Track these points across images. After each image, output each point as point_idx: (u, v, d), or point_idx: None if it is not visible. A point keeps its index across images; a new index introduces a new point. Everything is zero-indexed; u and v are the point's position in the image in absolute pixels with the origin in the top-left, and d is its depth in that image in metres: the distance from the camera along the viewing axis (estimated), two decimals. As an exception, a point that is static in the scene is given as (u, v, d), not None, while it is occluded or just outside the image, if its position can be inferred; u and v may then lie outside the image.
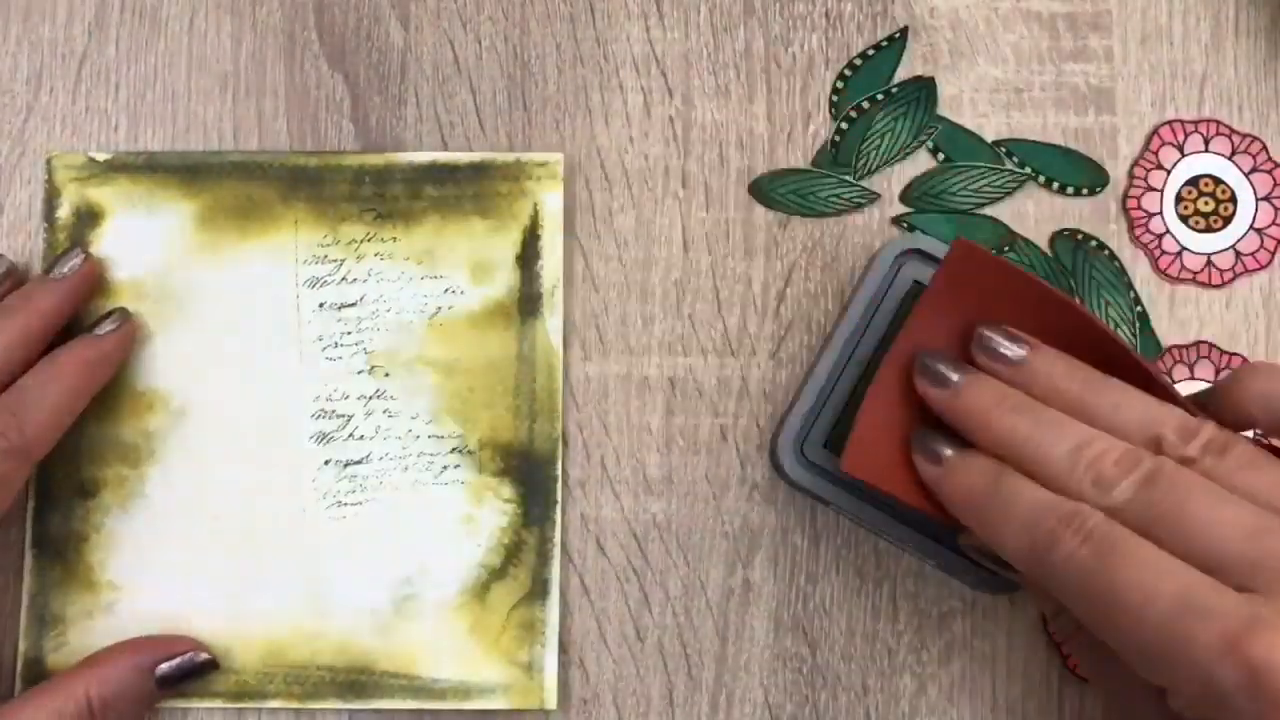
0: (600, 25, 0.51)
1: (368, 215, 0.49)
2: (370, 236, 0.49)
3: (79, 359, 0.45)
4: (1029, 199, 0.50)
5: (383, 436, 0.48)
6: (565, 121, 0.50)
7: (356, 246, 0.49)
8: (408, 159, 0.49)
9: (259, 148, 0.50)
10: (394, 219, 0.49)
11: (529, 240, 0.49)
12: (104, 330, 0.47)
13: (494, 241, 0.49)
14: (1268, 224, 0.50)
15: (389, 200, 0.49)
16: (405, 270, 0.49)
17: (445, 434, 0.48)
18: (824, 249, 0.50)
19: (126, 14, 0.51)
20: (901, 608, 0.48)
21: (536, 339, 0.48)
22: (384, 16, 0.51)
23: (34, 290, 0.46)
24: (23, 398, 0.44)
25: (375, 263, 0.49)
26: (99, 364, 0.46)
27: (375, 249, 0.49)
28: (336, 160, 0.49)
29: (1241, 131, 0.51)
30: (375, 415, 0.48)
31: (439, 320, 0.48)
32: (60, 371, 0.45)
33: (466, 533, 0.48)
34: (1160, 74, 0.51)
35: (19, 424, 0.43)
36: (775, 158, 0.50)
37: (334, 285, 0.48)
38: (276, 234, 0.49)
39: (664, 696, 0.47)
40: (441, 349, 0.48)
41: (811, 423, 0.46)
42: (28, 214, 0.49)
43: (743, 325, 0.49)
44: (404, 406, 0.48)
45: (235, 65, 0.51)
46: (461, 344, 0.48)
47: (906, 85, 0.51)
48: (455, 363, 0.48)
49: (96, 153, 0.49)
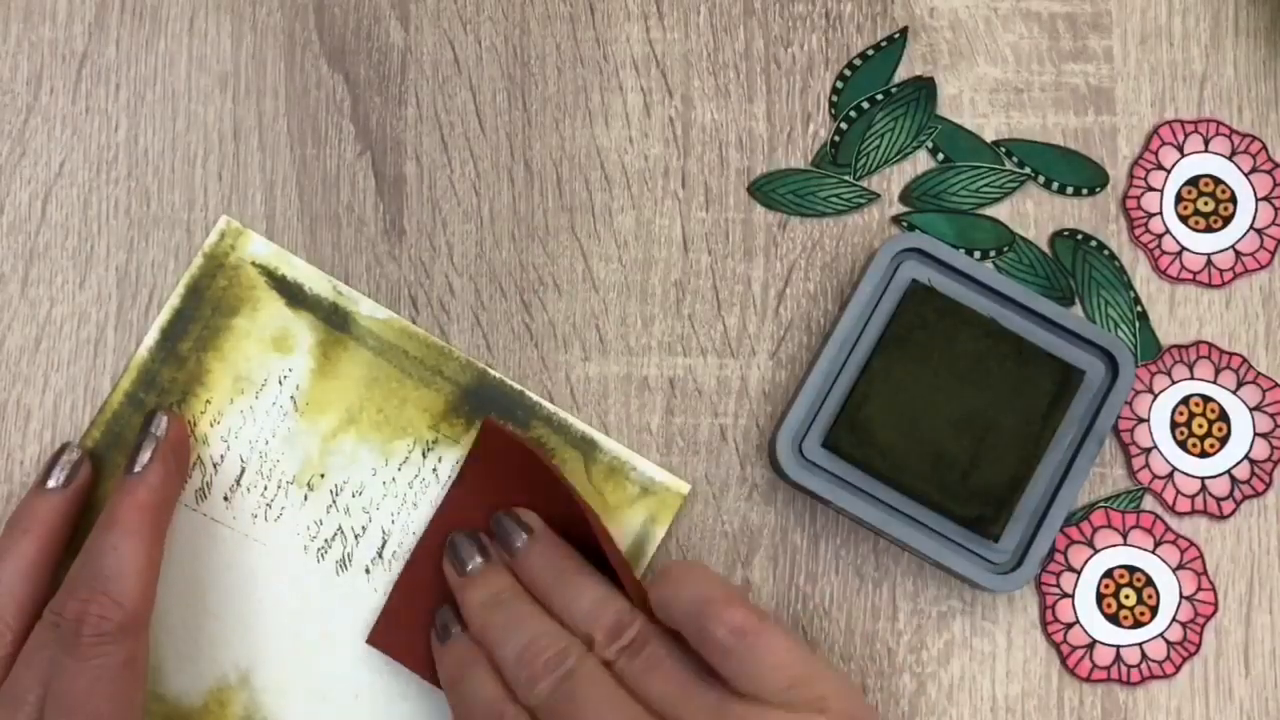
0: (600, 25, 0.51)
1: None
2: None
3: (135, 505, 0.43)
4: (1029, 199, 0.50)
5: (375, 508, 0.47)
6: (565, 121, 0.50)
7: None
8: None
9: (258, 148, 0.50)
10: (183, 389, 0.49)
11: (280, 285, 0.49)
12: (142, 464, 0.44)
13: (259, 327, 0.49)
14: (1268, 224, 0.50)
15: None
16: (376, 469, 0.48)
17: (405, 453, 0.47)
18: (824, 249, 0.50)
19: (126, 14, 0.51)
20: (901, 608, 0.48)
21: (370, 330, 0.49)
22: (384, 16, 0.51)
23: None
24: (98, 570, 0.41)
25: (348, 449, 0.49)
26: (154, 503, 0.44)
27: None
28: None
29: (1241, 131, 0.51)
30: (351, 505, 0.47)
31: (303, 401, 0.48)
32: (125, 528, 0.42)
33: None
34: (1160, 74, 0.51)
35: (112, 599, 0.41)
36: (775, 158, 0.50)
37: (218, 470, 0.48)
38: None
39: (664, 696, 0.47)
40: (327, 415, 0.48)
41: (810, 422, 0.47)
42: (27, 214, 0.49)
43: (742, 325, 0.49)
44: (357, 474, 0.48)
45: (235, 65, 0.51)
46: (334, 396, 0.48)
47: (906, 85, 0.51)
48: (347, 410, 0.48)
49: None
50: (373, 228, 0.50)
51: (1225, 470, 0.49)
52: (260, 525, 0.47)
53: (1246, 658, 0.48)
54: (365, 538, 0.47)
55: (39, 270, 0.49)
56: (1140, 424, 0.49)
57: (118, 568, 0.42)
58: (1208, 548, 0.48)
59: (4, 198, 0.50)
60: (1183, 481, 0.49)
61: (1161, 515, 0.48)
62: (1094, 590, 0.48)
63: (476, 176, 0.50)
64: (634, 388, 0.49)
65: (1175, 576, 0.48)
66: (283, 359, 0.48)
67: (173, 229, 0.50)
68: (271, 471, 0.48)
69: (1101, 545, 0.48)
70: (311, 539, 0.47)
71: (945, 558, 0.45)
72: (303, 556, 0.47)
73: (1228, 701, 0.47)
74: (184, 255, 0.49)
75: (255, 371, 0.48)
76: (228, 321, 0.48)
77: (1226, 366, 0.49)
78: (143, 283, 0.49)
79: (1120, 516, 0.48)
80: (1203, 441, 0.49)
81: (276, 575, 0.47)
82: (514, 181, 0.50)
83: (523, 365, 0.49)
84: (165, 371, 0.48)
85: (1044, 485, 0.46)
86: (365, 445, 0.48)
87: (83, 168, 0.50)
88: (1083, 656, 0.47)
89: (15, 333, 0.49)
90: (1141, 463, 0.49)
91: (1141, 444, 0.49)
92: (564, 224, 0.50)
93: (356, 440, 0.48)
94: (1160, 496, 0.48)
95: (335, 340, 0.48)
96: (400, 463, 0.48)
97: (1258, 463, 0.49)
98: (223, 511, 0.47)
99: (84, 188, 0.50)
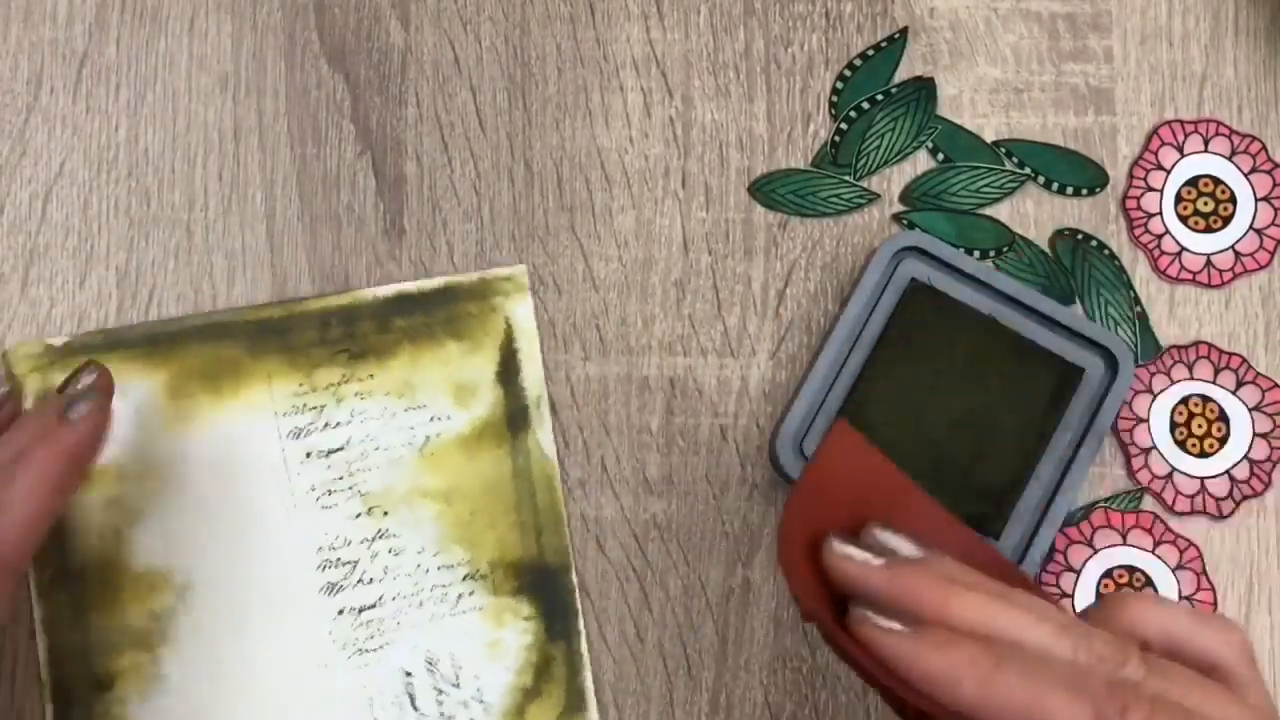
0: (600, 26, 0.51)
1: (340, 356, 0.48)
2: (346, 378, 0.48)
3: (55, 454, 0.40)
4: (1029, 199, 0.50)
5: (392, 576, 0.47)
6: (565, 122, 0.50)
7: (334, 390, 0.48)
8: (371, 294, 0.49)
9: (258, 148, 0.50)
10: (367, 356, 0.48)
11: (506, 356, 0.48)
12: (78, 413, 0.42)
13: (471, 362, 0.48)
14: (1267, 224, 0.50)
15: (359, 338, 0.48)
16: (387, 405, 0.48)
17: (454, 562, 0.47)
18: (824, 249, 0.50)
19: (126, 14, 0.51)
20: (901, 607, 0.48)
21: (530, 452, 0.48)
22: (384, 16, 0.51)
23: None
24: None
25: (356, 403, 0.48)
26: (83, 456, 0.42)
27: (353, 389, 0.48)
28: (300, 307, 0.48)
29: (1241, 132, 0.51)
30: (381, 556, 0.47)
31: (429, 449, 0.48)
32: (36, 470, 0.40)
33: (493, 656, 0.47)
34: (1160, 74, 0.51)
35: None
36: (775, 158, 0.50)
37: (318, 432, 0.48)
38: (251, 391, 0.48)
39: (664, 696, 0.47)
40: (436, 477, 0.48)
41: (811, 421, 0.47)
42: (27, 214, 0.49)
43: (743, 325, 0.49)
44: (408, 542, 0.47)
45: (235, 65, 0.51)
46: (455, 469, 0.48)
47: (906, 85, 0.51)
48: (452, 489, 0.47)
49: (53, 338, 0.48)
50: (373, 228, 0.50)
51: (1224, 470, 0.49)
52: (307, 496, 0.47)
53: (1246, 657, 0.48)
54: (362, 588, 0.47)
55: (39, 270, 0.49)
56: (1140, 424, 0.49)
57: (12, 509, 0.39)
58: (1207, 548, 0.48)
59: (4, 198, 0.50)
60: (1182, 482, 0.49)
61: (1161, 515, 0.48)
62: (1093, 590, 0.48)
63: (476, 176, 0.50)
64: (634, 388, 0.49)
65: (1174, 576, 0.48)
66: (450, 404, 0.48)
67: (173, 229, 0.50)
68: (355, 471, 0.48)
69: (1101, 545, 0.48)
70: (328, 547, 0.47)
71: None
72: (308, 551, 0.47)
73: (1227, 701, 0.47)
74: (184, 255, 0.49)
75: (424, 393, 0.48)
76: (447, 337, 0.48)
77: (1226, 367, 0.49)
78: (143, 283, 0.49)
79: (1120, 516, 0.48)
80: (1202, 442, 0.49)
81: (278, 539, 0.47)
82: (514, 181, 0.50)
83: (523, 365, 0.49)
84: (365, 325, 0.48)
85: (1044, 483, 0.46)
86: (437, 525, 0.47)
87: (83, 168, 0.50)
88: (1082, 656, 0.47)
89: (15, 333, 0.49)
90: (1141, 463, 0.49)
91: (1141, 444, 0.49)
92: (564, 224, 0.50)
93: (435, 517, 0.47)
94: (1160, 497, 0.48)
95: (498, 432, 0.48)
96: (446, 569, 0.47)
97: (1257, 463, 0.49)
98: (296, 457, 0.48)
99: (84, 188, 0.50)
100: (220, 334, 0.48)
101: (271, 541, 0.47)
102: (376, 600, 0.47)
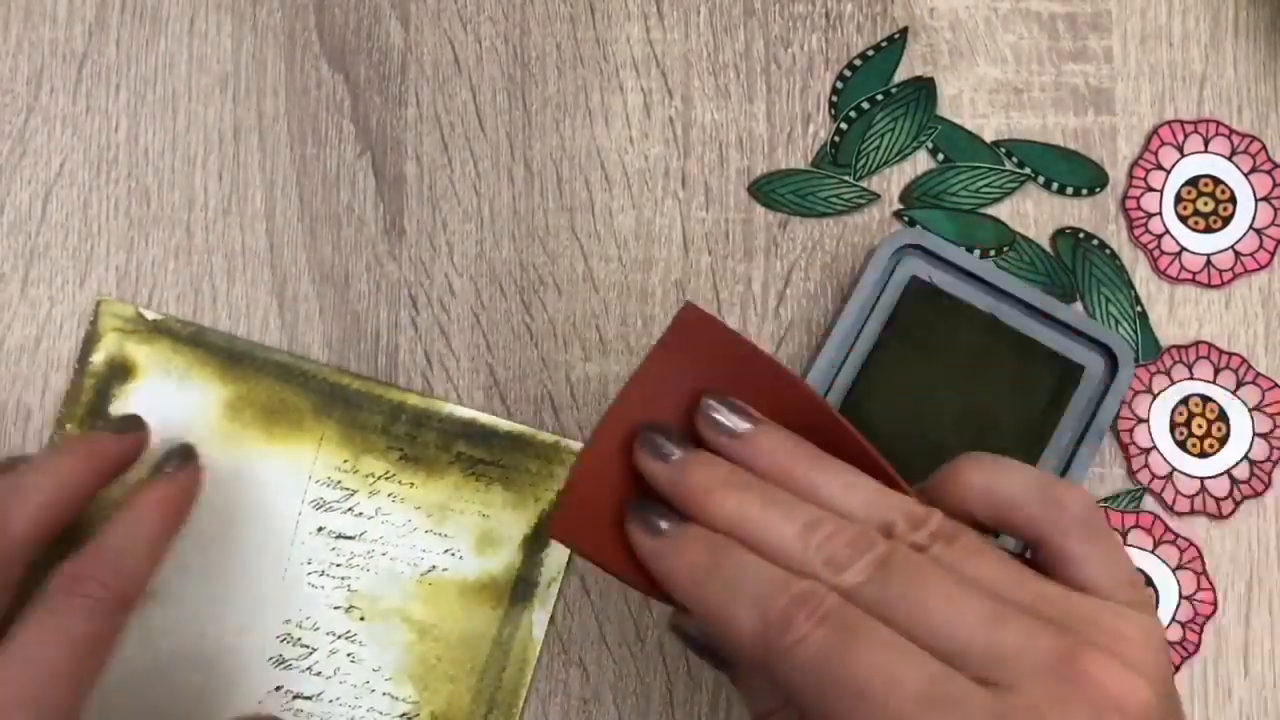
0: (600, 26, 0.51)
1: (393, 454, 0.48)
2: (389, 475, 0.48)
3: (162, 498, 0.43)
4: (1028, 199, 0.50)
5: (339, 679, 0.47)
6: (565, 122, 0.50)
7: (373, 482, 0.48)
8: (449, 409, 0.48)
9: (258, 148, 0.50)
10: (418, 464, 0.48)
11: (542, 525, 0.48)
12: (173, 467, 0.45)
13: (508, 517, 0.48)
14: (1267, 224, 0.50)
15: (419, 445, 0.48)
16: (412, 519, 0.47)
17: (401, 696, 0.46)
18: (824, 249, 0.50)
19: (126, 14, 0.51)
20: (901, 607, 0.48)
21: (520, 627, 0.47)
22: (384, 16, 0.51)
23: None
24: (114, 542, 0.42)
25: (386, 503, 0.47)
26: (180, 500, 0.44)
27: (390, 489, 0.48)
28: (379, 391, 0.48)
29: (1241, 132, 0.51)
30: (338, 655, 0.47)
31: (429, 579, 0.47)
32: (149, 512, 0.43)
33: None
34: (1160, 74, 0.51)
35: (115, 570, 0.41)
36: (775, 158, 0.50)
37: (339, 513, 0.47)
38: (299, 445, 0.48)
39: (664, 696, 0.47)
40: (423, 609, 0.47)
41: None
42: (28, 214, 0.49)
43: (743, 325, 0.49)
44: (369, 655, 0.47)
45: (235, 65, 0.51)
46: (444, 610, 0.47)
47: (906, 85, 0.51)
48: (432, 627, 0.47)
49: (147, 310, 0.48)
50: (373, 228, 0.50)
51: (1224, 470, 0.49)
52: (301, 567, 0.47)
53: (1246, 658, 0.48)
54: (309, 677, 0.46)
55: (39, 270, 0.49)
56: (1140, 424, 0.49)
57: (131, 544, 0.42)
58: (1207, 548, 0.48)
59: (4, 198, 0.50)
60: (1182, 482, 0.49)
61: (1161, 515, 0.48)
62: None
63: (476, 176, 0.50)
64: (634, 388, 0.49)
65: (1174, 577, 0.48)
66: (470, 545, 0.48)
67: (173, 229, 0.50)
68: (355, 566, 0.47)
69: (1101, 545, 0.48)
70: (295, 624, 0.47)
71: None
72: (275, 619, 0.47)
73: (1227, 701, 0.47)
74: (184, 255, 0.49)
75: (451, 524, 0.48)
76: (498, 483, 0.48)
77: (1226, 367, 0.49)
78: (143, 283, 0.49)
79: (1120, 517, 0.48)
80: (1202, 442, 0.49)
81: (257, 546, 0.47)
82: (514, 181, 0.50)
83: (523, 365, 0.49)
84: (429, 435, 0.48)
85: (1044, 485, 0.46)
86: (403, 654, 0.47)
87: (83, 168, 0.50)
88: (1082, 656, 0.47)
89: (15, 333, 0.49)
90: (1141, 463, 0.49)
91: (1141, 444, 0.49)
92: (564, 224, 0.50)
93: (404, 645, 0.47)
94: (1160, 497, 0.48)
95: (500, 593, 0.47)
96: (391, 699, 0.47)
97: (1257, 463, 0.49)
98: (308, 526, 0.47)
99: (84, 188, 0.50)
100: (296, 379, 0.48)
101: (248, 591, 0.47)
102: (316, 694, 0.47)
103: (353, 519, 0.47)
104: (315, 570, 0.47)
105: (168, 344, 0.48)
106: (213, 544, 0.47)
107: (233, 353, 0.48)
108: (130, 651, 0.46)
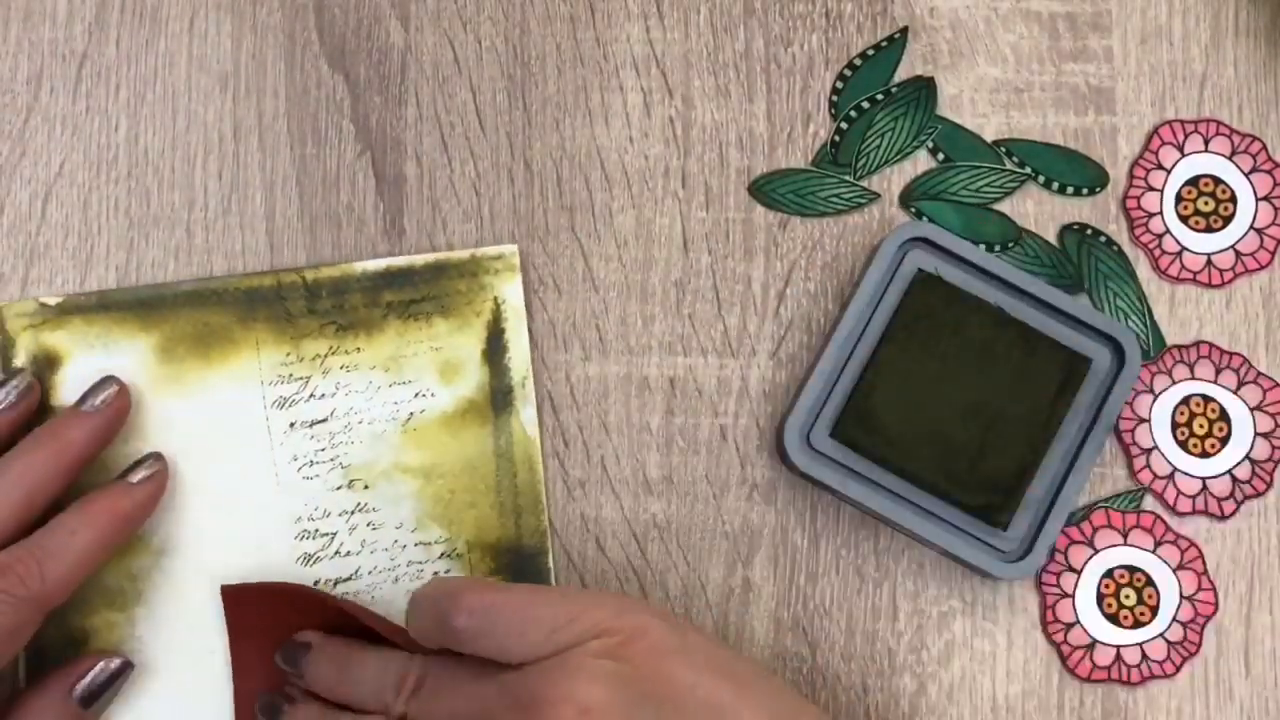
0: (600, 25, 0.51)
1: (329, 329, 0.48)
2: (334, 350, 0.48)
3: (111, 509, 0.44)
4: (1029, 199, 0.50)
5: (369, 550, 0.47)
6: (565, 121, 0.50)
7: (321, 361, 0.48)
8: (361, 267, 0.48)
9: (258, 148, 0.50)
10: (355, 329, 0.48)
11: (493, 335, 0.48)
12: (138, 478, 0.46)
13: (458, 340, 0.48)
14: (1268, 224, 0.50)
15: (348, 311, 0.48)
16: (373, 379, 0.48)
17: (432, 540, 0.47)
18: (824, 249, 0.50)
19: (126, 14, 0.51)
20: (901, 608, 0.48)
21: (513, 432, 0.48)
22: (384, 16, 0.51)
23: (65, 422, 0.45)
24: (48, 543, 0.43)
25: (342, 375, 0.48)
26: (131, 515, 0.45)
27: (340, 361, 0.48)
28: (290, 277, 0.48)
29: (1241, 131, 0.51)
30: (359, 529, 0.47)
31: (412, 425, 0.48)
32: (91, 520, 0.44)
33: None
34: (1160, 74, 0.51)
35: (41, 571, 0.42)
36: (775, 158, 0.50)
37: (303, 403, 0.48)
38: (238, 358, 0.48)
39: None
40: (418, 454, 0.48)
41: (817, 412, 0.47)
42: (28, 214, 0.49)
43: (743, 325, 0.49)
44: (387, 517, 0.47)
45: (235, 65, 0.51)
46: (437, 446, 0.48)
47: (906, 85, 0.51)
48: (433, 467, 0.48)
49: (46, 297, 0.48)
50: (373, 228, 0.50)
51: (1226, 470, 0.49)
52: (289, 467, 0.48)
53: (1247, 658, 0.48)
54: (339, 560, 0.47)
55: (39, 270, 0.49)
56: (1141, 424, 0.49)
57: (64, 551, 0.43)
58: (1208, 548, 0.48)
59: (4, 198, 0.50)
60: (1183, 481, 0.49)
61: (1162, 515, 0.48)
62: (1094, 590, 0.48)
63: (476, 176, 0.50)
64: (634, 388, 0.49)
65: (1175, 576, 0.48)
66: (435, 381, 0.48)
67: (173, 229, 0.50)
68: (338, 444, 0.48)
69: (1102, 545, 0.48)
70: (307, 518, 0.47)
71: (954, 546, 0.45)
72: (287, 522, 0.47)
73: (1228, 701, 0.47)
74: (184, 255, 0.49)
75: (410, 369, 0.48)
76: (435, 314, 0.48)
77: (1227, 366, 0.49)
78: (142, 283, 0.49)
79: (1120, 516, 0.48)
80: (1203, 441, 0.49)
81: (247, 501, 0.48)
82: (514, 181, 0.50)
83: (523, 365, 0.49)
84: (354, 298, 0.48)
85: (1051, 473, 0.46)
86: (416, 502, 0.47)
87: (83, 168, 0.50)
88: (1083, 657, 0.47)
89: (15, 333, 0.49)
90: (1142, 463, 0.49)
91: (1142, 444, 0.49)
92: (564, 224, 0.50)
93: (414, 494, 0.47)
94: (1161, 496, 0.48)
95: (482, 411, 0.48)
96: (424, 546, 0.47)
97: (1258, 463, 0.49)
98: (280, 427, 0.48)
99: (84, 188, 0.50)
100: (211, 300, 0.48)
101: (251, 510, 0.47)
102: (353, 573, 0.47)
103: (317, 403, 0.48)
104: (304, 463, 0.48)
105: (79, 320, 0.48)
106: (199, 482, 0.47)
107: (142, 301, 0.48)
108: (165, 610, 0.47)
